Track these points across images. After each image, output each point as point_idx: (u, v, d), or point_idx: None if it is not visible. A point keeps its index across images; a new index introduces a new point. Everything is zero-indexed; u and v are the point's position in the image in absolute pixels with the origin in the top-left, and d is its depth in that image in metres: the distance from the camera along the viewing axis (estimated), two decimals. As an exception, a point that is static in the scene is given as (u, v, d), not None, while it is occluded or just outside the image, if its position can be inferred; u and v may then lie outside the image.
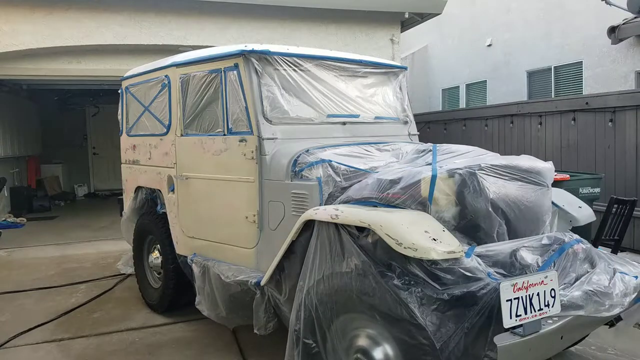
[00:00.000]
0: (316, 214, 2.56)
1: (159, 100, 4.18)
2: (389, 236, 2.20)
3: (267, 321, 3.04)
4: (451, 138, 8.58)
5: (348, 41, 8.35)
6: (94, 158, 13.33)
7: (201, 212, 3.74)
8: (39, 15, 7.00)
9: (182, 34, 7.55)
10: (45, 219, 9.36)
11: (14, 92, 10.10)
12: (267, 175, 3.19)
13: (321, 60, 3.61)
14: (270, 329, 3.05)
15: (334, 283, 2.43)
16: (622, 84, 8.17)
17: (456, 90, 12.37)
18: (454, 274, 2.18)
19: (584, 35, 8.88)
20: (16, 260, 6.42)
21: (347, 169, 2.94)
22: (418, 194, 2.44)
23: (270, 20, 7.91)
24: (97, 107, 12.62)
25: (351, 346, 2.46)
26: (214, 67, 3.55)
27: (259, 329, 3.04)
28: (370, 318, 2.32)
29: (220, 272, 3.36)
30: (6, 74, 7.63)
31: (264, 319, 3.04)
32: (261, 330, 3.04)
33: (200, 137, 3.69)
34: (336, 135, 3.53)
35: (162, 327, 4.11)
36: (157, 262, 4.36)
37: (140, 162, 4.54)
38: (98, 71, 7.68)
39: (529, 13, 10.11)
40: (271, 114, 3.30)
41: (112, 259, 6.13)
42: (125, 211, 4.85)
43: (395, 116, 4.06)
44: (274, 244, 3.03)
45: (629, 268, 2.60)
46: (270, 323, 3.04)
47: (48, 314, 4.41)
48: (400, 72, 4.17)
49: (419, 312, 2.10)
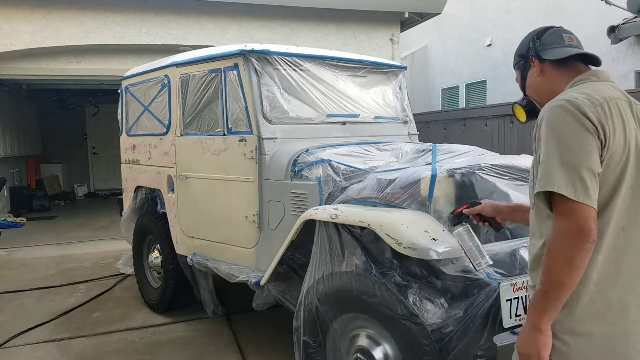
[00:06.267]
0: (316, 214, 2.56)
1: (159, 100, 4.18)
2: (389, 236, 2.20)
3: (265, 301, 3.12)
4: (451, 138, 8.57)
5: (348, 41, 8.35)
6: (94, 158, 13.32)
7: (201, 212, 3.74)
8: (39, 15, 7.00)
9: (182, 34, 7.55)
10: (45, 219, 9.36)
11: (14, 92, 10.09)
12: (267, 175, 3.19)
13: (321, 60, 3.61)
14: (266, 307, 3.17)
15: (334, 283, 2.43)
16: (622, 84, 8.17)
17: (456, 90, 12.37)
18: (453, 274, 2.18)
19: (584, 35, 8.77)
20: (16, 260, 6.42)
21: (347, 169, 2.94)
22: (418, 194, 2.44)
23: (270, 20, 7.91)
24: (97, 107, 12.61)
25: (351, 346, 2.46)
26: (214, 67, 3.55)
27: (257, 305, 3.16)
28: (370, 318, 2.32)
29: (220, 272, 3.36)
30: (6, 74, 7.62)
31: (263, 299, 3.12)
32: (259, 307, 3.16)
33: (200, 137, 3.69)
34: (336, 135, 3.53)
35: (162, 327, 4.11)
36: (157, 262, 4.37)
37: (140, 162, 4.54)
38: (98, 71, 7.68)
39: (529, 13, 10.10)
40: (271, 114, 3.30)
41: (112, 259, 6.13)
42: (125, 211, 4.85)
43: (395, 116, 4.06)
44: (274, 244, 3.03)
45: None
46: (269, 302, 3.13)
47: (48, 314, 4.41)
48: (400, 72, 4.17)
49: (419, 312, 2.10)
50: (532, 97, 1.69)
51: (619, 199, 1.38)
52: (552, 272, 1.34)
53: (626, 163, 1.38)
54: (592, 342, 1.37)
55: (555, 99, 1.43)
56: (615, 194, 1.38)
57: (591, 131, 1.34)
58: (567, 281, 1.33)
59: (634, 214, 1.40)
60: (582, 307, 1.38)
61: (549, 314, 1.36)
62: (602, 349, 1.37)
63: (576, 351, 1.38)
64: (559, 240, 1.34)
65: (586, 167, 1.32)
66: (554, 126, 1.38)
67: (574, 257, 1.31)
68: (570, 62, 1.58)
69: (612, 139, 1.36)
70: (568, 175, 1.32)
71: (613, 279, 1.39)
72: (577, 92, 1.44)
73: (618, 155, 1.37)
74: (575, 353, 1.38)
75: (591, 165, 1.33)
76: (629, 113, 1.44)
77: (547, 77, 1.62)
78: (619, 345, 1.37)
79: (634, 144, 1.41)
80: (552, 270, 1.34)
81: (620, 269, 1.39)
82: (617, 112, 1.40)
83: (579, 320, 1.38)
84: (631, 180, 1.39)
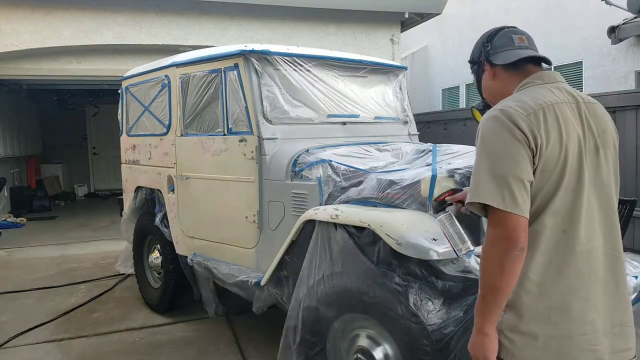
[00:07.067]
0: (316, 214, 2.56)
1: (159, 100, 4.18)
2: (389, 236, 2.20)
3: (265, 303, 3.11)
4: (451, 138, 8.56)
5: (348, 41, 8.35)
6: (94, 158, 13.32)
7: (201, 212, 3.74)
8: (39, 15, 7.00)
9: (182, 34, 7.55)
10: (45, 219, 9.36)
11: (14, 92, 10.09)
12: (267, 175, 3.19)
13: (321, 60, 3.61)
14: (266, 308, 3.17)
15: (334, 283, 2.43)
16: (622, 84, 8.16)
17: (456, 90, 12.37)
18: (453, 274, 2.18)
19: (584, 35, 8.88)
20: (16, 260, 6.42)
21: (347, 169, 2.94)
22: (418, 194, 2.44)
23: (270, 20, 7.91)
24: (97, 107, 12.61)
25: (351, 346, 2.46)
26: (214, 67, 3.55)
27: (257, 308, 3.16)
28: (370, 318, 2.32)
29: (220, 272, 3.36)
30: (6, 74, 7.62)
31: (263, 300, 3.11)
32: (259, 310, 3.16)
33: (200, 137, 3.68)
34: (336, 135, 3.52)
35: (162, 327, 4.11)
36: (157, 262, 4.37)
37: (140, 162, 4.54)
38: (98, 71, 7.68)
39: (529, 13, 10.10)
40: (271, 114, 3.30)
41: (112, 259, 6.13)
42: (125, 211, 4.85)
43: (395, 116, 4.06)
44: (274, 244, 3.03)
45: (629, 268, 2.60)
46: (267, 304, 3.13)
47: (48, 314, 4.41)
48: (400, 72, 4.17)
49: (419, 312, 2.10)
50: (488, 100, 1.70)
51: (559, 202, 1.41)
52: (486, 277, 1.39)
53: (563, 167, 1.40)
54: (537, 342, 1.39)
55: (492, 108, 1.47)
56: (554, 198, 1.40)
57: (521, 140, 1.37)
58: (500, 285, 1.37)
59: (575, 216, 1.42)
60: (525, 307, 1.41)
61: (490, 318, 1.41)
62: (547, 350, 1.39)
63: (521, 350, 1.40)
64: (491, 247, 1.38)
65: (515, 177, 1.35)
66: (485, 137, 1.42)
67: (504, 263, 1.35)
68: (520, 65, 1.58)
69: (544, 146, 1.38)
70: (496, 185, 1.36)
71: (555, 281, 1.41)
72: (513, 100, 1.46)
73: (553, 161, 1.39)
74: (520, 352, 1.40)
75: (520, 175, 1.36)
76: (569, 116, 1.45)
77: (499, 80, 1.63)
78: (563, 346, 1.39)
79: (575, 147, 1.43)
80: (486, 275, 1.39)
81: (563, 271, 1.41)
82: (552, 118, 1.42)
83: (524, 320, 1.41)
84: (571, 184, 1.42)
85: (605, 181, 1.49)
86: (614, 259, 1.49)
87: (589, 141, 1.46)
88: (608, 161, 1.50)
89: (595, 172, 1.47)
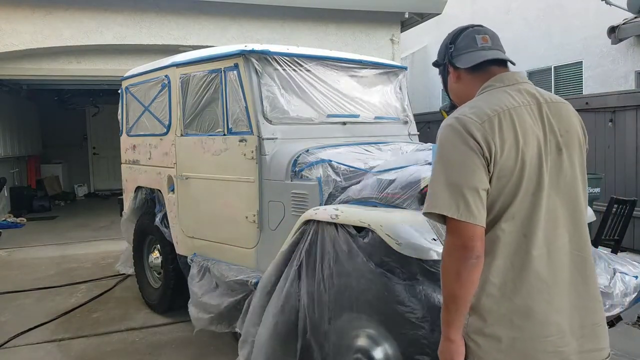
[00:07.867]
0: (316, 214, 2.56)
1: (159, 100, 4.18)
2: (389, 236, 2.20)
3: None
4: (451, 138, 8.55)
5: (348, 41, 8.35)
6: (94, 158, 13.32)
7: (201, 212, 3.74)
8: (39, 15, 7.00)
9: (182, 34, 7.55)
10: (45, 219, 9.36)
11: (14, 92, 10.10)
12: (267, 175, 3.19)
13: (321, 60, 3.61)
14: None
15: (334, 283, 2.43)
16: (622, 84, 8.17)
17: (456, 90, 12.38)
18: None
19: (584, 35, 8.87)
20: (16, 260, 6.42)
21: (347, 169, 2.94)
22: (418, 194, 2.44)
23: (270, 20, 7.91)
24: (97, 107, 12.61)
25: (351, 346, 2.46)
26: (214, 67, 3.55)
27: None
28: (370, 318, 2.32)
29: (219, 272, 3.36)
30: (6, 74, 7.63)
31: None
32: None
33: (200, 137, 3.68)
34: (336, 135, 3.52)
35: (162, 327, 4.11)
36: (157, 262, 4.37)
37: (140, 162, 4.53)
38: (98, 71, 7.68)
39: (529, 13, 10.10)
40: (271, 114, 3.30)
41: (112, 259, 6.13)
42: (125, 211, 4.85)
43: (395, 116, 4.06)
44: (274, 244, 3.03)
45: (629, 268, 2.60)
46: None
47: (48, 314, 4.41)
48: (400, 72, 4.17)
49: (419, 312, 2.10)
50: (455, 102, 1.69)
51: (517, 206, 1.41)
52: (445, 285, 1.41)
53: (521, 173, 1.40)
54: (501, 345, 1.40)
55: (449, 116, 1.47)
56: (513, 202, 1.40)
57: (475, 150, 1.37)
58: (459, 293, 1.38)
59: (535, 220, 1.42)
60: (488, 311, 1.41)
61: (454, 324, 1.41)
62: (511, 352, 1.39)
63: (486, 353, 1.40)
64: (448, 256, 1.39)
65: (469, 187, 1.36)
66: (441, 145, 1.43)
67: (460, 272, 1.36)
68: (483, 66, 1.57)
69: (499, 154, 1.38)
70: (451, 195, 1.36)
71: (517, 284, 1.41)
72: (469, 107, 1.46)
73: (509, 168, 1.39)
74: (485, 355, 1.41)
75: (474, 184, 1.36)
76: (527, 120, 1.44)
77: (463, 82, 1.62)
78: (527, 348, 1.39)
79: (534, 151, 1.42)
80: (445, 283, 1.40)
81: (523, 274, 1.41)
82: (508, 124, 1.41)
83: (488, 323, 1.41)
84: (530, 188, 1.41)
85: (569, 181, 1.48)
86: (581, 260, 1.48)
87: (550, 142, 1.45)
88: (573, 161, 1.49)
89: (557, 173, 1.46)
